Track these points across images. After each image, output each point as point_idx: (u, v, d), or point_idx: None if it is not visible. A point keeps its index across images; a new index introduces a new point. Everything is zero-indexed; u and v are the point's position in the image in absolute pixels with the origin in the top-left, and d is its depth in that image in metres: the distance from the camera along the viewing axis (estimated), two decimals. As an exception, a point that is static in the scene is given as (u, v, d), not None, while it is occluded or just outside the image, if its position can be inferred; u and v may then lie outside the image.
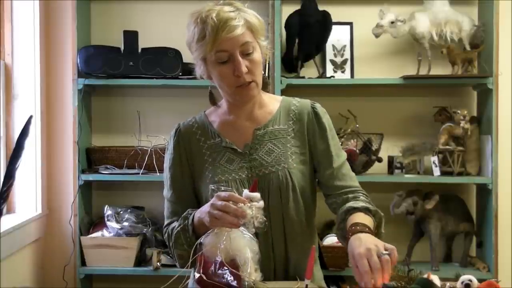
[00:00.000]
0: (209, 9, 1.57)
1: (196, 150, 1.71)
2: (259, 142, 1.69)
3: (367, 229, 1.45)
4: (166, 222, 1.72)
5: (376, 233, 1.55)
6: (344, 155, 1.73)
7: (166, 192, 1.74)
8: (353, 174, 1.72)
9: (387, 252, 1.31)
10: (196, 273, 1.45)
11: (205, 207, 1.51)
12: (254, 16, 1.63)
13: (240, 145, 1.69)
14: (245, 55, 1.59)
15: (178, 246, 1.61)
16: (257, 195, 1.46)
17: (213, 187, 1.54)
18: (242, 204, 1.43)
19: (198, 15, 1.58)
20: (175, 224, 1.64)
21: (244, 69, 1.57)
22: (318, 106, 1.75)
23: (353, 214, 1.55)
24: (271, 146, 1.68)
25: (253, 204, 1.44)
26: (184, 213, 1.63)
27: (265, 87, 1.75)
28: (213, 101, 1.76)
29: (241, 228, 1.46)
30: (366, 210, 1.56)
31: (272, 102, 1.76)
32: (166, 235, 1.69)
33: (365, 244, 1.34)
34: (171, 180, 1.72)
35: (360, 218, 1.53)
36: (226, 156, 1.68)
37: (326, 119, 1.73)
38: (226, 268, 1.40)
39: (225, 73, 1.60)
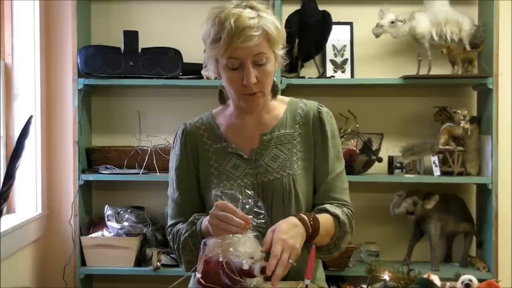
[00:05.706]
0: (229, 11, 1.52)
1: (203, 153, 1.69)
2: (265, 147, 1.66)
3: (311, 221, 1.49)
4: (170, 222, 1.69)
5: (334, 244, 1.59)
6: (341, 164, 1.70)
7: (172, 192, 1.71)
8: (347, 186, 1.70)
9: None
10: (197, 273, 1.44)
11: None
12: (274, 24, 1.56)
13: (246, 151, 1.66)
14: (257, 65, 1.55)
15: (187, 252, 1.60)
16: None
17: (216, 193, 1.52)
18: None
19: (217, 15, 1.53)
20: (181, 227, 1.63)
21: (253, 80, 1.54)
22: (323, 110, 1.71)
23: (322, 213, 1.58)
24: (276, 152, 1.66)
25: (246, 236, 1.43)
26: (191, 218, 1.61)
27: (275, 93, 1.69)
28: (223, 100, 1.71)
29: (249, 231, 1.44)
30: (335, 217, 1.58)
31: (279, 106, 1.72)
32: (170, 236, 1.67)
33: (288, 232, 1.42)
34: (177, 181, 1.69)
35: (324, 219, 1.55)
36: (232, 162, 1.66)
37: (330, 125, 1.69)
38: (227, 270, 1.39)
39: (234, 79, 1.56)
